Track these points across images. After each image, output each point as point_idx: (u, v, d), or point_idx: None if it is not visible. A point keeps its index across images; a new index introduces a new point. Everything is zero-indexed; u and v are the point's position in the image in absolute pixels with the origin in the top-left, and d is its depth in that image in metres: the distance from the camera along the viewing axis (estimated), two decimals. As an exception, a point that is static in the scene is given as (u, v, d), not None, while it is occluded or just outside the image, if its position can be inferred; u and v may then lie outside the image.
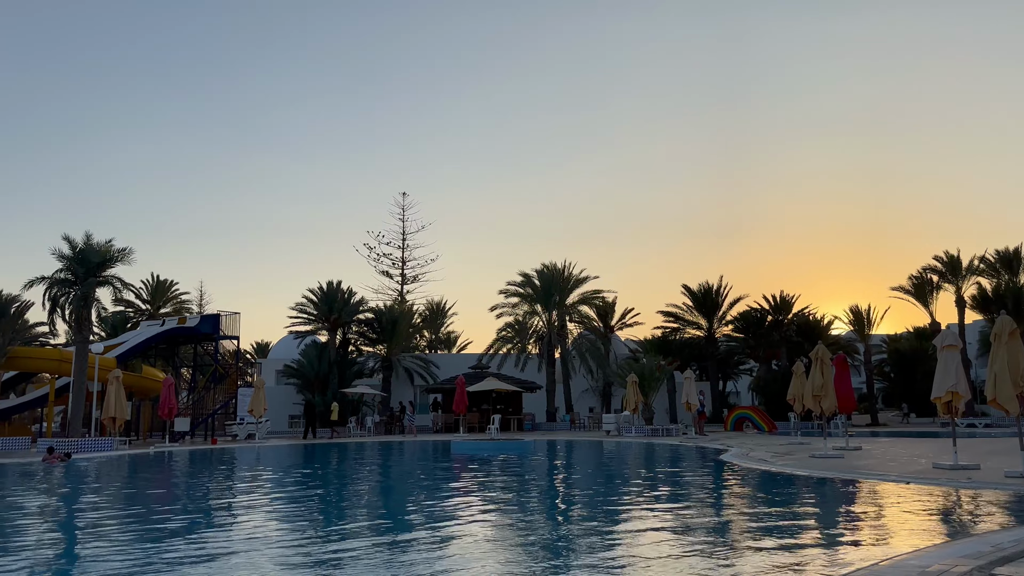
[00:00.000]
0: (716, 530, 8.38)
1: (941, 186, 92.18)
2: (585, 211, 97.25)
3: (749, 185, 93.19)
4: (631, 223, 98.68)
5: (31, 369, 34.66)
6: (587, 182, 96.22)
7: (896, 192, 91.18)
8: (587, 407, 45.47)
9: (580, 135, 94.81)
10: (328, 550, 7.45)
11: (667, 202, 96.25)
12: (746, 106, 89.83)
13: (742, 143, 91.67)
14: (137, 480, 17.10)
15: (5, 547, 7.98)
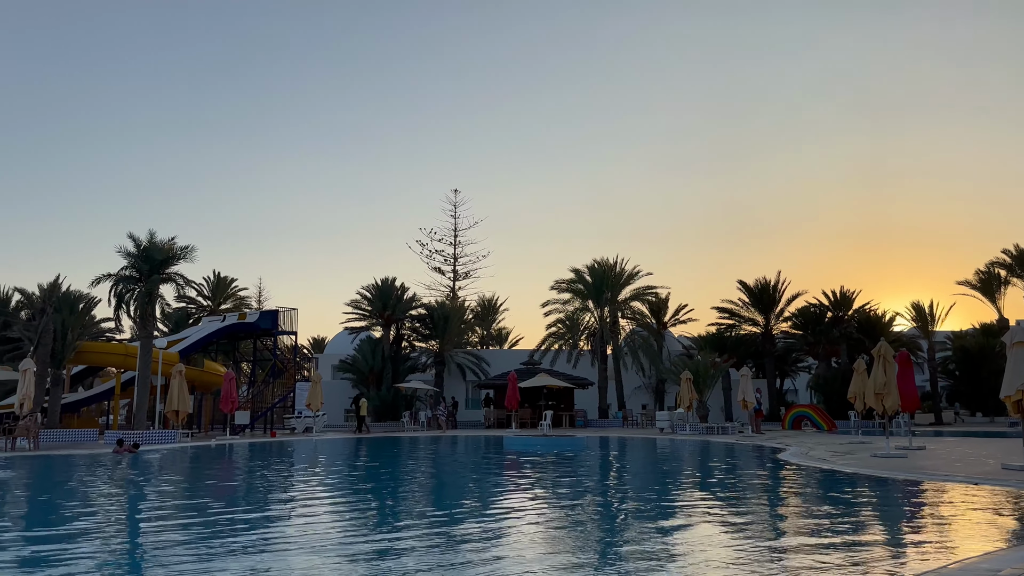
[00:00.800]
0: (776, 530, 8.23)
1: (1009, 177, 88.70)
2: (638, 206, 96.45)
3: (807, 178, 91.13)
4: (685, 218, 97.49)
5: (98, 363, 35.95)
6: (640, 177, 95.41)
7: (962, 184, 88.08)
8: (639, 404, 45.11)
9: (632, 130, 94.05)
10: (385, 541, 7.55)
11: (722, 196, 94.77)
12: (803, 97, 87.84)
13: (798, 135, 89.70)
14: (206, 471, 17.54)
15: (92, 532, 8.29)
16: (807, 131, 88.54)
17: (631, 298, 43.88)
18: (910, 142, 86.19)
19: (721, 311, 45.23)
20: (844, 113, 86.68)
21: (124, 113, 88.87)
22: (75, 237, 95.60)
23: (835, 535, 7.69)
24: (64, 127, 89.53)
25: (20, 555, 7.08)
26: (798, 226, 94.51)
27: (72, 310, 29.99)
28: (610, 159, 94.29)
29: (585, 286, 43.00)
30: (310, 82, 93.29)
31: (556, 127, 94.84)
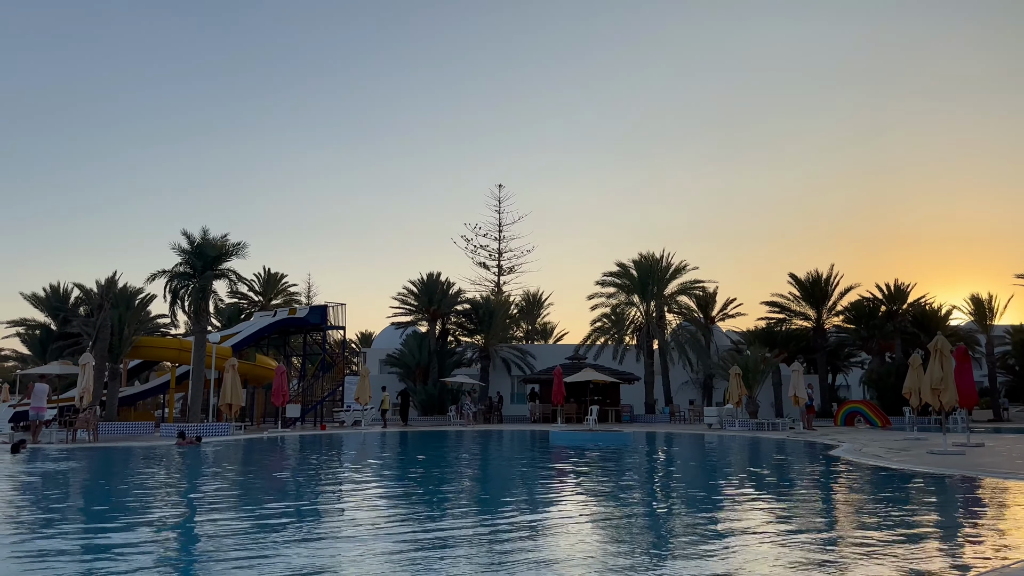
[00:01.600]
0: (830, 528, 8.07)
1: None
2: (685, 200, 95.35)
3: (858, 169, 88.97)
4: (733, 211, 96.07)
5: (154, 358, 36.95)
6: (687, 170, 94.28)
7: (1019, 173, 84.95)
8: (687, 399, 44.65)
9: (679, 123, 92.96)
10: (436, 532, 7.61)
11: (771, 189, 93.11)
12: (855, 90, 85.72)
13: (850, 127, 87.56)
14: (267, 461, 17.86)
15: (170, 519, 8.54)
16: (857, 121, 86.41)
17: (678, 292, 43.40)
18: (967, 131, 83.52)
19: (771, 305, 44.48)
20: (896, 103, 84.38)
21: (178, 112, 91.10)
22: (131, 234, 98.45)
23: (891, 533, 7.50)
24: (119, 126, 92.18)
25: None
26: (850, 218, 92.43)
27: (128, 306, 30.87)
28: (656, 152, 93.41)
29: (631, 280, 42.67)
30: (357, 79, 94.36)
31: (601, 121, 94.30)
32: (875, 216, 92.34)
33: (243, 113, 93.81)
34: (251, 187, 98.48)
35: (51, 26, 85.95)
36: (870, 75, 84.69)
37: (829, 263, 53.33)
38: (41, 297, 35.65)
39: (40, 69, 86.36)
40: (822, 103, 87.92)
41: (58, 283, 35.73)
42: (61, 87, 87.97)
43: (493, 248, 62.33)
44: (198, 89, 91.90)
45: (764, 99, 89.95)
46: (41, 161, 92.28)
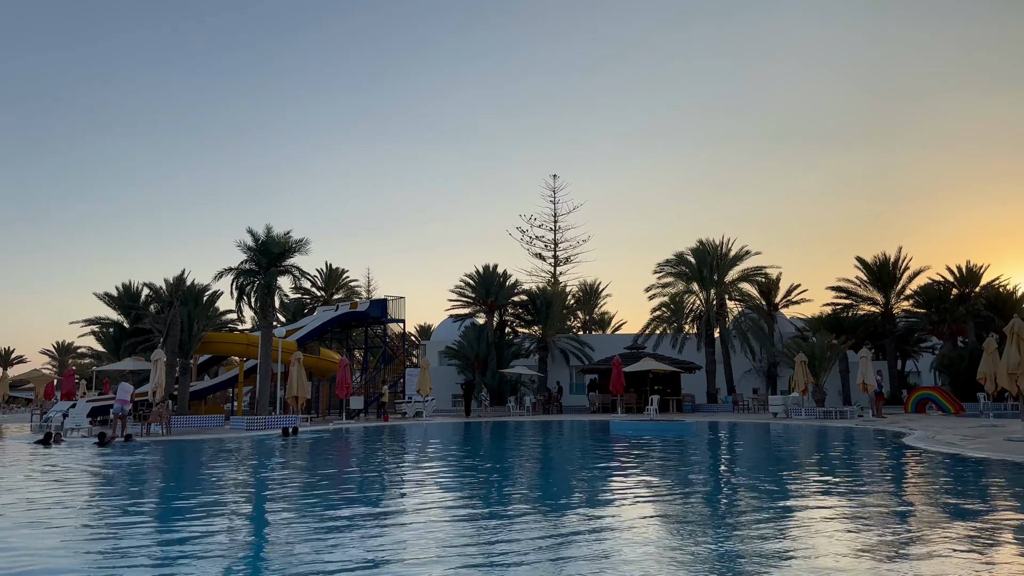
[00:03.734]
0: (904, 519, 7.84)
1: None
2: (744, 185, 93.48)
3: (927, 146, 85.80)
4: (795, 196, 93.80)
5: (222, 353, 38.04)
6: (747, 154, 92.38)
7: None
8: (750, 388, 43.87)
9: (737, 106, 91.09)
10: (497, 519, 7.67)
11: (835, 169, 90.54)
12: (920, 59, 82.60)
13: (914, 104, 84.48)
14: (366, 450, 18.24)
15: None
16: (922, 100, 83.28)
17: (739, 279, 42.59)
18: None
19: (837, 290, 43.35)
20: (966, 72, 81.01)
21: (241, 112, 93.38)
22: (198, 233, 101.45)
23: (968, 523, 7.24)
24: (186, 128, 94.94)
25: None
26: (919, 199, 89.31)
27: (197, 302, 31.82)
28: (714, 137, 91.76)
29: (689, 268, 42.05)
30: (412, 74, 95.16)
31: (656, 107, 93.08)
32: (945, 196, 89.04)
33: (303, 112, 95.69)
34: (311, 184, 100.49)
35: (124, 33, 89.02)
36: (932, 57, 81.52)
37: (897, 246, 51.76)
38: (114, 296, 36.91)
39: (110, 74, 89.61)
40: (884, 83, 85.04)
41: (129, 282, 36.96)
42: (130, 92, 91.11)
43: (549, 239, 62.20)
44: (260, 90, 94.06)
45: (824, 82, 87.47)
46: (112, 164, 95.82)
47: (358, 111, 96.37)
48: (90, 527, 7.95)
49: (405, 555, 6.18)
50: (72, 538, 7.24)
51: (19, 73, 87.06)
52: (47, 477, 12.56)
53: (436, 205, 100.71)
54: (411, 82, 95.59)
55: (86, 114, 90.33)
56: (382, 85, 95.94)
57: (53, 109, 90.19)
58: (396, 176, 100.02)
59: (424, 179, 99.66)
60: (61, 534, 7.42)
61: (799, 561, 5.79)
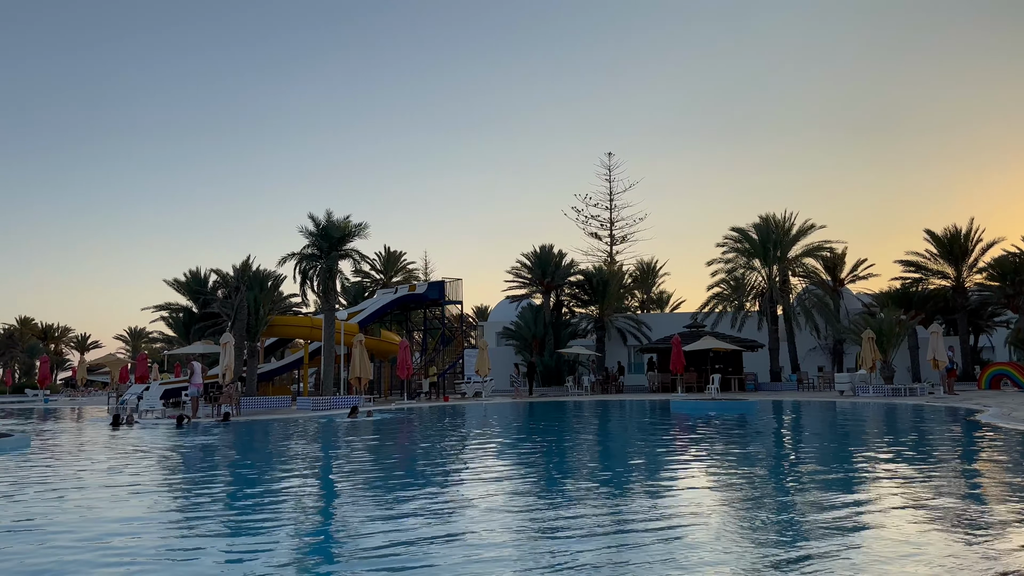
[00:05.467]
0: (981, 500, 7.58)
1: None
2: (806, 158, 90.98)
3: (1000, 112, 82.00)
4: (860, 166, 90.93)
5: (287, 335, 39.00)
6: (805, 126, 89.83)
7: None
8: (815, 366, 42.92)
9: (795, 72, 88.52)
10: (563, 499, 7.70)
11: (902, 139, 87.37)
12: (989, 19, 78.74)
13: (988, 64, 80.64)
14: (432, 429, 18.56)
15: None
16: (993, 64, 79.49)
17: (802, 255, 41.55)
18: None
19: (905, 264, 41.97)
20: None
21: (298, 101, 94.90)
22: (261, 218, 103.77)
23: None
24: (247, 119, 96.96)
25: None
26: (992, 168, 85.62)
27: (263, 287, 32.64)
28: (774, 109, 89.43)
29: (751, 244, 41.18)
30: (465, 57, 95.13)
31: (714, 80, 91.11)
32: (1021, 165, 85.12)
33: (360, 97, 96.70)
34: (369, 168, 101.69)
35: (186, 23, 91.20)
36: (1001, 17, 77.55)
37: (969, 217, 49.74)
38: (182, 282, 38.13)
39: (178, 64, 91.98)
40: (950, 47, 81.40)
41: (197, 268, 38.13)
42: (196, 83, 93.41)
43: (604, 218, 61.70)
44: (320, 77, 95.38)
45: (885, 50, 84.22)
46: (179, 154, 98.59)
47: (414, 94, 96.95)
48: (184, 502, 8.27)
49: (478, 529, 6.26)
50: (163, 512, 7.54)
51: (93, 65, 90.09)
52: (136, 457, 13.09)
53: (492, 186, 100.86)
54: (465, 63, 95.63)
55: (154, 106, 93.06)
56: (437, 67, 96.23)
57: (123, 101, 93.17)
58: (452, 159, 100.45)
59: (479, 161, 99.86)
60: (148, 507, 7.74)
61: (869, 544, 5.65)
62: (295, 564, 5.45)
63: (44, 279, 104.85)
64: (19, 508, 7.85)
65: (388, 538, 6.15)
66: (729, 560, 5.21)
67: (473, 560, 5.32)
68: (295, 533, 6.54)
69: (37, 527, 6.82)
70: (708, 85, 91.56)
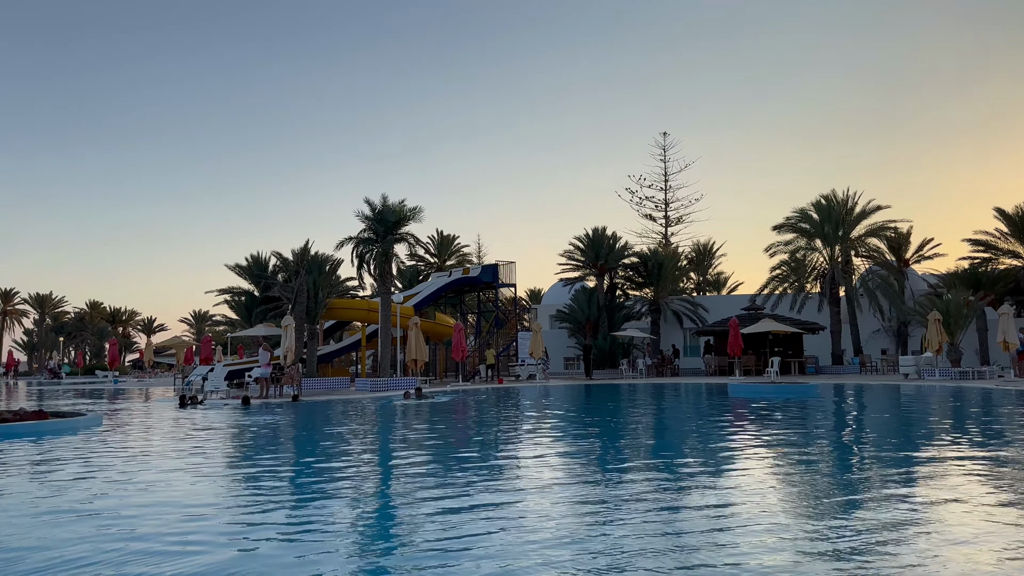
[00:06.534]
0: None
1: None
2: (868, 133, 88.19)
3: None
4: (924, 143, 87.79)
5: (345, 318, 39.69)
6: (869, 100, 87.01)
7: None
8: (878, 349, 41.82)
9: (856, 47, 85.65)
10: (623, 484, 7.68)
11: (967, 112, 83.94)
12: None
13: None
14: (490, 411, 18.77)
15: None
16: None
17: (865, 235, 40.40)
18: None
19: (974, 243, 40.48)
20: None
21: (353, 86, 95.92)
22: (318, 203, 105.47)
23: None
24: (303, 104, 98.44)
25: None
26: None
27: (321, 271, 33.25)
28: (835, 83, 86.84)
29: (811, 224, 40.21)
30: (516, 37, 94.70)
31: (771, 55, 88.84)
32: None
33: (414, 82, 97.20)
34: (422, 152, 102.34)
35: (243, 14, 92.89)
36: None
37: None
38: (244, 266, 39.01)
39: (236, 55, 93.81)
40: (1016, 18, 77.60)
41: (258, 253, 38.95)
42: (254, 75, 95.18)
43: (659, 199, 60.94)
44: (375, 64, 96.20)
45: (946, 20, 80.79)
46: (239, 144, 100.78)
47: (466, 78, 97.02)
48: (249, 479, 8.52)
49: (537, 508, 6.29)
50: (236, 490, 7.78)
51: (155, 53, 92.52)
52: (213, 436, 13.52)
53: (544, 169, 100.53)
54: (517, 45, 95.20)
55: (217, 94, 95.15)
56: (489, 50, 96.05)
57: (188, 90, 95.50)
58: (505, 141, 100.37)
59: (532, 143, 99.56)
60: (227, 486, 7.99)
61: (935, 530, 5.49)
62: (374, 542, 5.56)
63: (112, 264, 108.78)
64: (93, 485, 8.17)
65: (453, 519, 6.23)
66: (787, 546, 5.13)
67: (531, 540, 5.35)
68: (373, 511, 6.67)
69: (111, 506, 7.08)
70: (764, 61, 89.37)
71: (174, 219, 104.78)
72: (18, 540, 5.52)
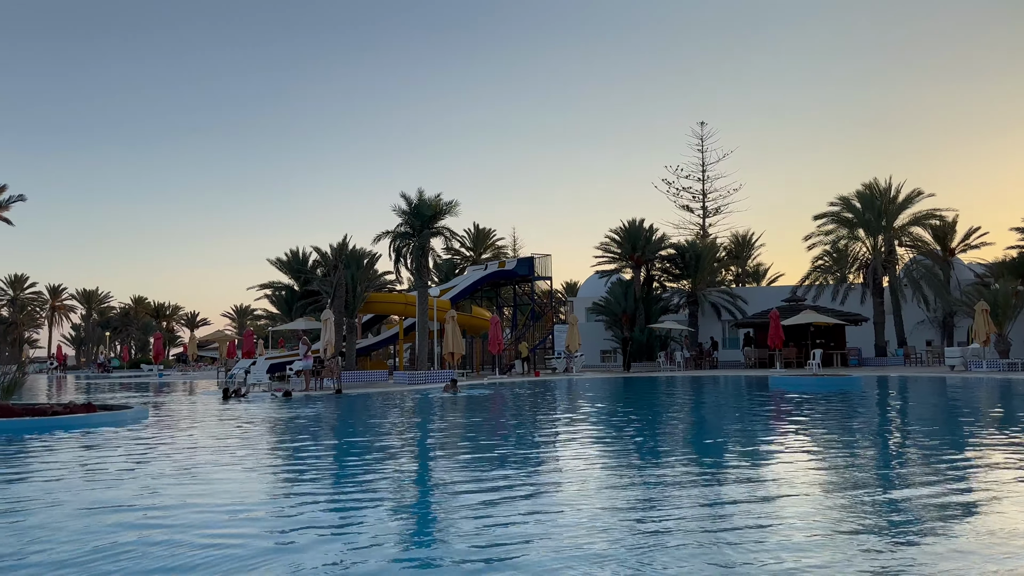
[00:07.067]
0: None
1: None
2: (912, 119, 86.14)
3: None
4: (972, 128, 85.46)
5: (383, 312, 40.04)
6: (914, 85, 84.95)
7: None
8: (923, 340, 40.93)
9: (896, 33, 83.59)
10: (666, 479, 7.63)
11: (1017, 97, 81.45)
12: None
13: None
14: (528, 403, 18.85)
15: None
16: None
17: (909, 224, 39.51)
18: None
19: (1022, 232, 39.34)
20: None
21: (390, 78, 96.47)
22: (355, 198, 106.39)
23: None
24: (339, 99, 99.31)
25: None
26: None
27: (359, 265, 33.56)
28: (874, 69, 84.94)
29: (854, 214, 39.43)
30: (552, 29, 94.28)
31: (808, 42, 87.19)
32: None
33: (447, 74, 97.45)
34: (457, 145, 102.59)
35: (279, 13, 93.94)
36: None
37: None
38: (284, 261, 39.55)
39: (282, 57, 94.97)
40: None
41: (297, 248, 39.45)
42: (296, 73, 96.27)
43: (696, 190, 60.27)
44: (408, 57, 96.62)
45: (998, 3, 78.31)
46: (277, 139, 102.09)
47: (502, 71, 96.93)
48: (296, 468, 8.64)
49: (578, 502, 6.28)
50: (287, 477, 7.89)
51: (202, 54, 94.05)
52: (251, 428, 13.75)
53: (580, 161, 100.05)
54: (553, 37, 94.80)
55: (254, 93, 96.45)
56: (525, 42, 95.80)
57: (228, 91, 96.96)
58: (540, 134, 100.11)
59: (568, 135, 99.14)
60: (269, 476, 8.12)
61: (980, 528, 5.34)
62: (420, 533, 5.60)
63: (156, 260, 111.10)
64: (139, 477, 8.34)
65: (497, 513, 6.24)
66: (829, 544, 5.04)
67: (572, 536, 5.34)
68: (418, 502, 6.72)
69: (157, 498, 7.23)
70: (804, 47, 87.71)
71: (215, 215, 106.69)
72: (66, 531, 5.65)
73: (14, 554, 5.00)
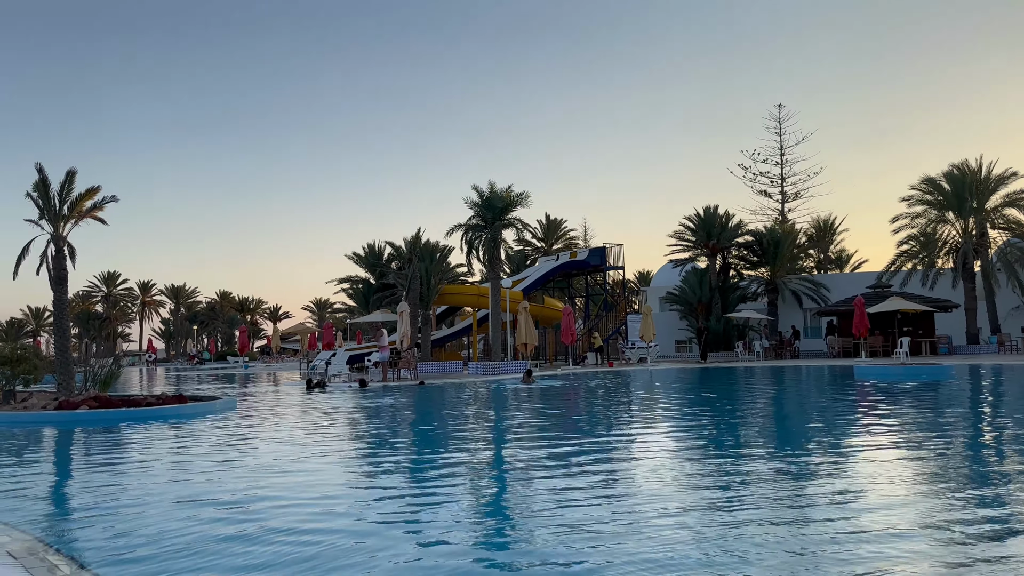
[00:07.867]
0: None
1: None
2: (1003, 95, 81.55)
3: None
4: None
5: (456, 303, 40.46)
6: (1002, 61, 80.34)
7: None
8: (1019, 327, 38.84)
9: (978, 4, 79.12)
10: (750, 472, 7.47)
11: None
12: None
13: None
14: (603, 395, 18.82)
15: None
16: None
17: (1002, 205, 37.46)
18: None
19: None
20: None
21: (460, 72, 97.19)
22: (427, 191, 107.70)
23: None
24: (409, 94, 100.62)
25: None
26: None
27: (432, 258, 34.02)
28: (959, 44, 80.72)
29: (943, 195, 37.63)
30: (621, 16, 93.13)
31: (889, 18, 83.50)
32: None
33: (519, 66, 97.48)
34: (528, 137, 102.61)
35: (345, 8, 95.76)
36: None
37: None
38: (361, 256, 40.46)
39: (351, 51, 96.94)
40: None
41: (373, 242, 40.31)
42: (367, 68, 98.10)
43: (775, 174, 58.56)
44: (480, 51, 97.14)
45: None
46: (353, 136, 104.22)
47: (571, 61, 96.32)
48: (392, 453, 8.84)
49: (655, 497, 6.21)
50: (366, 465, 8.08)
51: (274, 50, 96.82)
52: (335, 418, 14.13)
53: (652, 148, 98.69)
54: (622, 24, 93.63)
55: (330, 89, 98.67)
56: (594, 32, 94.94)
57: (304, 88, 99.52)
58: (612, 121, 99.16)
59: (639, 122, 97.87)
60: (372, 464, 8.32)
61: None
62: (502, 520, 5.65)
63: (239, 256, 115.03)
64: (229, 465, 8.65)
65: (575, 504, 6.23)
66: (927, 552, 4.83)
67: (648, 529, 5.29)
68: (498, 490, 6.79)
69: (247, 485, 7.48)
70: (884, 25, 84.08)
71: (295, 212, 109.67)
72: (160, 516, 5.91)
73: (127, 547, 5.26)
